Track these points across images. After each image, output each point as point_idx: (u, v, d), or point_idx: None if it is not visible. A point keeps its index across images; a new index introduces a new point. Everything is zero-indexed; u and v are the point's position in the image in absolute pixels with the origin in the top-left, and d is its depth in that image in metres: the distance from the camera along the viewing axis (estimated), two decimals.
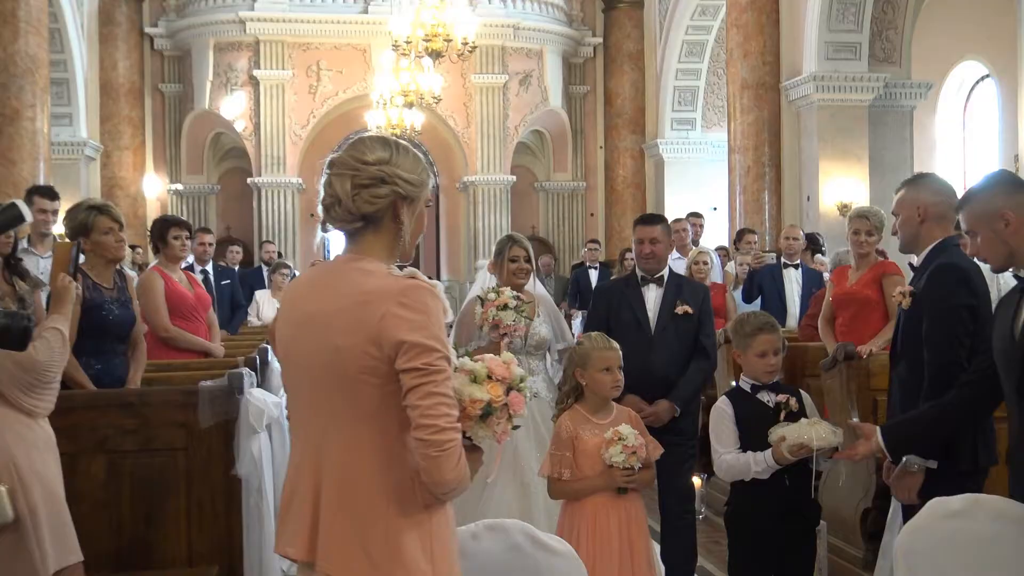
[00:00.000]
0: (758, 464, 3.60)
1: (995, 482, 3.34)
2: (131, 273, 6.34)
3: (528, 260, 4.98)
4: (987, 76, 16.78)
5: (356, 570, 2.17)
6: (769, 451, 3.57)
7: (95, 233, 4.56)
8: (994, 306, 3.49)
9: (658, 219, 5.04)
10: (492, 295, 4.77)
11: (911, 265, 4.18)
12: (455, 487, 2.16)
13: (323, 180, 2.32)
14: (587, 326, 4.94)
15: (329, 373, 2.21)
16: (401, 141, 2.36)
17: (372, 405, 2.19)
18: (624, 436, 3.67)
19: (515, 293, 4.79)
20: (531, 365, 4.86)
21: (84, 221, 4.56)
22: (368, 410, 2.19)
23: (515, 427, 2.31)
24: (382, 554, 2.17)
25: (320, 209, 2.34)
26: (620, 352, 3.91)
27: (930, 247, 3.63)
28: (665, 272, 4.88)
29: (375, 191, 2.26)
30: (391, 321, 2.14)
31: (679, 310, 4.73)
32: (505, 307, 4.71)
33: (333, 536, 2.20)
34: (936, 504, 2.76)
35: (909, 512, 3.43)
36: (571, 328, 7.10)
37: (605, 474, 3.71)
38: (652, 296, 4.82)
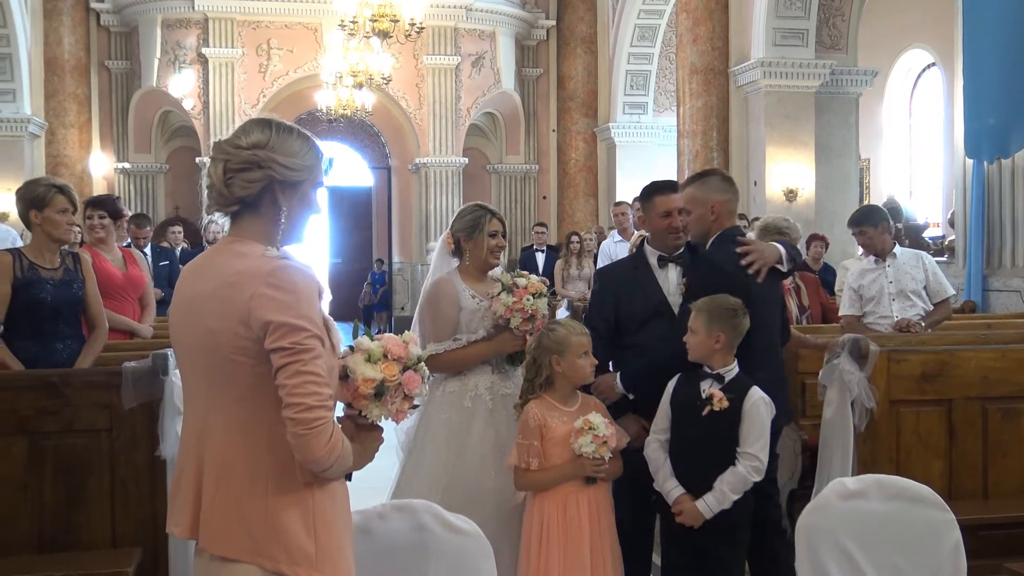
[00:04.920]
0: (666, 493, 3.62)
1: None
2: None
3: (505, 235, 4.22)
4: (933, 64, 17.05)
5: (236, 548, 2.20)
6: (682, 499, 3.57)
7: (49, 209, 4.43)
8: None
9: (675, 184, 4.24)
10: (522, 280, 4.00)
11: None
12: (329, 465, 2.18)
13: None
14: (588, 317, 4.25)
15: (206, 355, 2.24)
16: (287, 124, 2.35)
17: (247, 385, 2.21)
18: (595, 426, 3.52)
19: (542, 278, 4.11)
20: (505, 366, 4.13)
21: (42, 195, 4.45)
22: (244, 390, 2.21)
23: (414, 407, 2.34)
24: (262, 531, 2.19)
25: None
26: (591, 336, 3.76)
27: (713, 238, 3.94)
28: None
29: (248, 175, 2.27)
30: (258, 302, 2.16)
31: None
32: (540, 294, 3.98)
33: (214, 515, 2.22)
34: (835, 484, 2.84)
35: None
36: None
37: (574, 463, 3.56)
38: (672, 279, 4.07)
